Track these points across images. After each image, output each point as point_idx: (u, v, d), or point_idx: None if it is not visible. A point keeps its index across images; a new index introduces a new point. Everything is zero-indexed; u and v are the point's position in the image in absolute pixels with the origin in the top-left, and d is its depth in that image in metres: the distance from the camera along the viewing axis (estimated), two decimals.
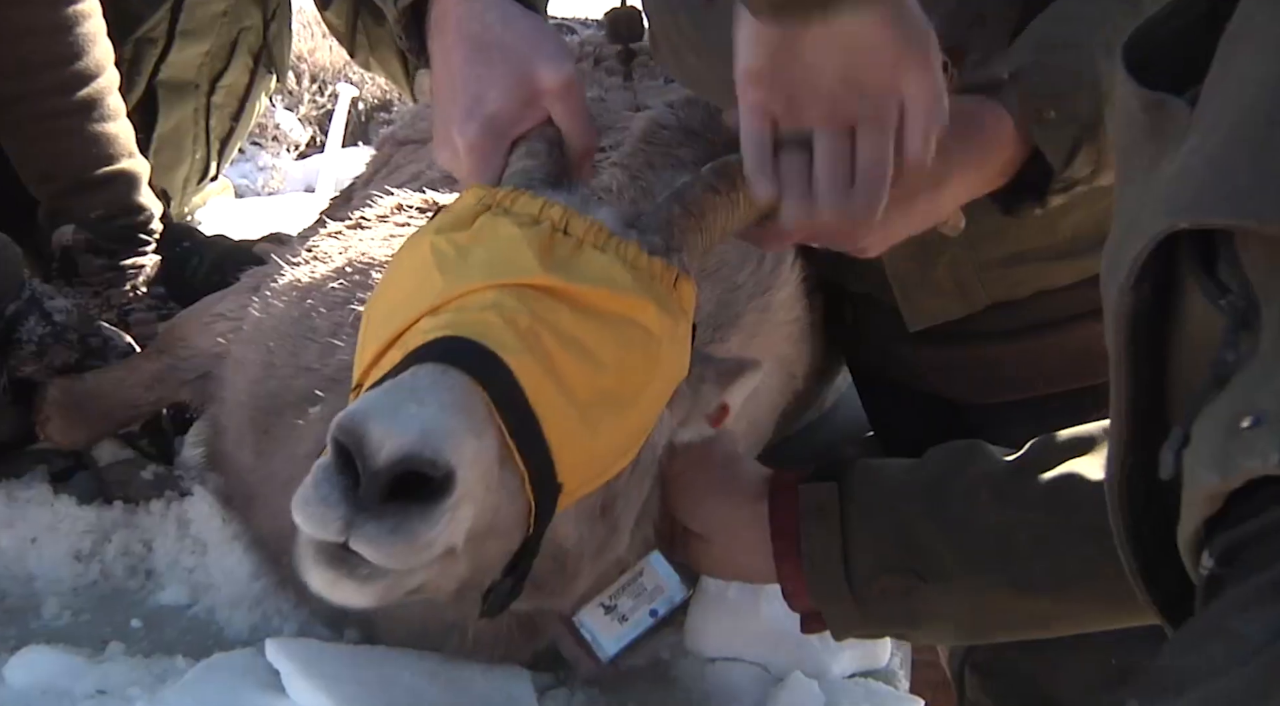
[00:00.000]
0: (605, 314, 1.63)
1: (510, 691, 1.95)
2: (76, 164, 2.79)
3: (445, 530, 1.50)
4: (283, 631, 2.16)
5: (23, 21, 2.70)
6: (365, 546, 1.47)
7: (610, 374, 1.63)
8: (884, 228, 1.85)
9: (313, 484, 1.48)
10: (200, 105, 3.50)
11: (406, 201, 2.43)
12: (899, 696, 2.14)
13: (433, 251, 1.63)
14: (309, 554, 1.54)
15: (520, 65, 1.85)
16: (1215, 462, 1.11)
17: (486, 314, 1.55)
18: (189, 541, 2.35)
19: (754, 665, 2.14)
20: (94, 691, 1.97)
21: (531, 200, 1.67)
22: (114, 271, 2.81)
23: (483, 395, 1.51)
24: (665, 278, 1.68)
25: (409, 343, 1.55)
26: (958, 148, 1.87)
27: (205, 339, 2.49)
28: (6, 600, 2.24)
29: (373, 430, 1.43)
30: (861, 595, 1.88)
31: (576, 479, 1.64)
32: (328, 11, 3.76)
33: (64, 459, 2.57)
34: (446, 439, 1.46)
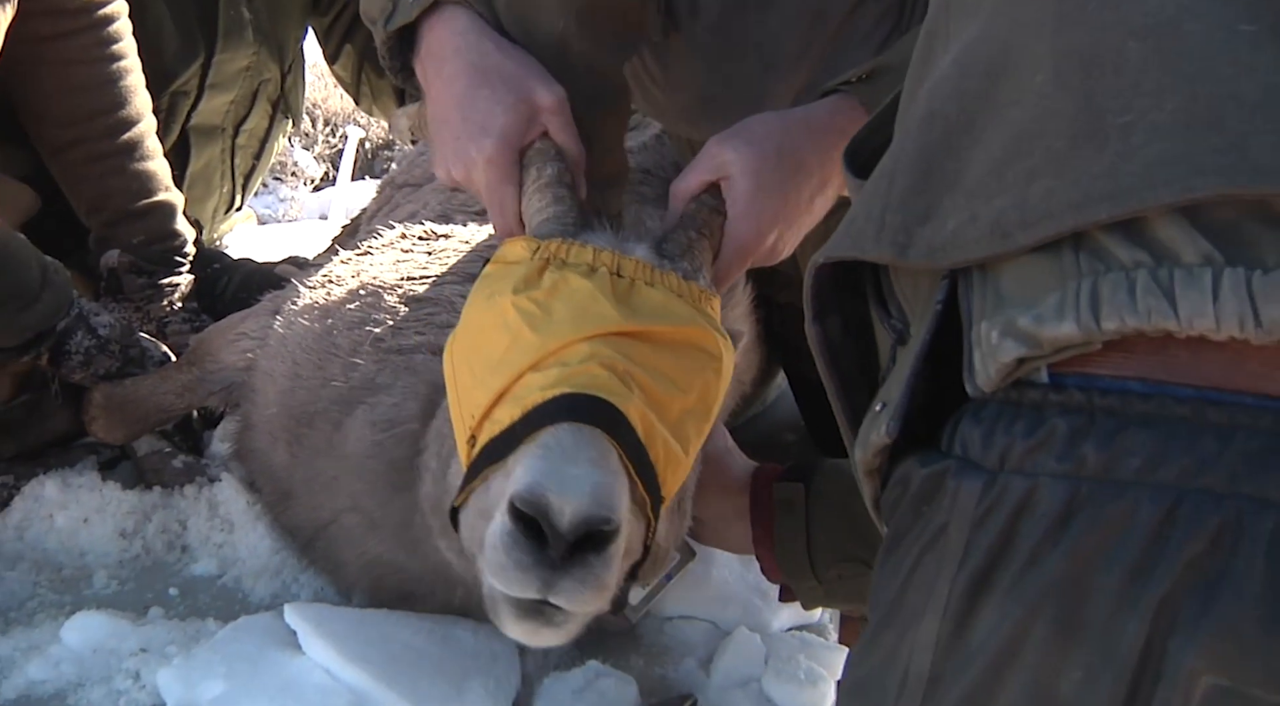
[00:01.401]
0: (676, 344, 1.64)
1: (494, 646, 1.96)
2: (121, 197, 2.80)
3: (616, 569, 1.53)
4: (299, 597, 2.18)
5: (76, 77, 2.71)
6: (564, 599, 1.49)
7: (691, 396, 1.64)
8: (793, 231, 1.89)
9: (504, 551, 1.48)
10: (226, 146, 3.49)
11: (408, 232, 2.42)
12: (829, 646, 2.15)
13: (518, 311, 1.61)
14: (508, 610, 1.56)
15: (520, 87, 1.84)
16: (860, 442, 1.19)
17: (590, 366, 1.54)
18: (218, 521, 2.37)
19: (705, 622, 2.16)
20: (137, 649, 2.00)
21: (582, 249, 1.66)
22: (153, 289, 2.81)
23: (613, 443, 1.51)
24: (704, 299, 1.70)
25: (524, 398, 1.54)
26: (830, 144, 1.86)
27: (231, 355, 2.47)
28: (62, 571, 2.25)
29: (553, 500, 1.43)
30: (822, 577, 1.93)
31: (672, 489, 1.65)
32: (335, 65, 3.76)
33: (110, 450, 2.57)
34: (610, 495, 1.47)
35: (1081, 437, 1.00)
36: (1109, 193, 0.98)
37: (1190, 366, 0.98)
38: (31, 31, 2.57)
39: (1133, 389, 1.00)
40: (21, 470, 2.46)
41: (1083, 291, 0.99)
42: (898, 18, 2.16)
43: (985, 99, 1.10)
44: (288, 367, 2.22)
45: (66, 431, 2.58)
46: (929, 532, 1.08)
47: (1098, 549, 0.97)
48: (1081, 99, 1.03)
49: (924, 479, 1.10)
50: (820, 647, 2.12)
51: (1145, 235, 0.98)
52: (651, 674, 2.02)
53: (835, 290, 1.28)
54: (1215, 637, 0.92)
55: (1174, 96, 0.98)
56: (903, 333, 1.22)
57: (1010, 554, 1.01)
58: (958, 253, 1.08)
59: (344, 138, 8.29)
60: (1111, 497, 0.97)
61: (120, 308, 2.76)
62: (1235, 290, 0.93)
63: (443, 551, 1.85)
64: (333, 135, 8.32)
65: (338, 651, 1.89)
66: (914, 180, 1.14)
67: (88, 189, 2.80)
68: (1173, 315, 0.95)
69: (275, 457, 2.24)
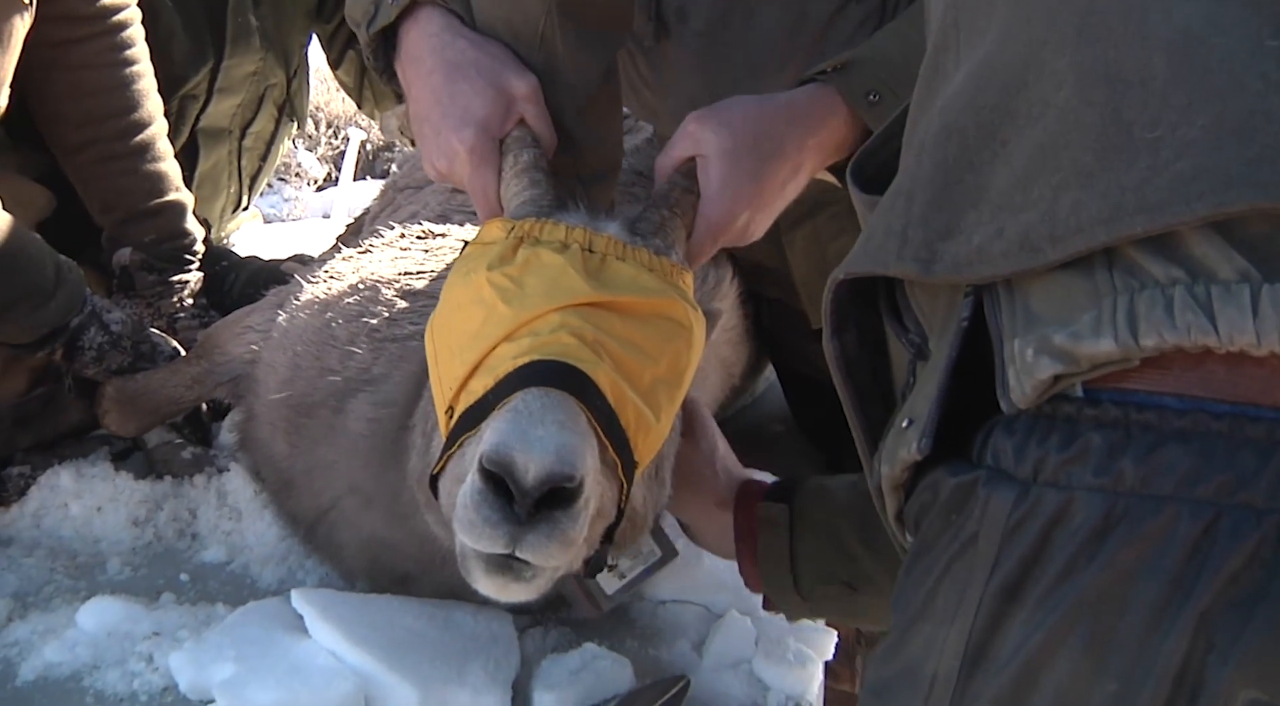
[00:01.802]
0: (646, 315, 1.65)
1: (494, 629, 1.97)
2: (133, 197, 2.80)
3: (583, 526, 1.54)
4: (305, 583, 2.18)
5: (90, 82, 2.71)
6: (531, 553, 1.51)
7: (661, 364, 1.65)
8: (765, 213, 1.88)
9: (473, 508, 1.50)
10: (233, 148, 3.49)
11: (407, 232, 2.43)
12: (816, 628, 2.15)
13: (492, 286, 1.63)
14: (478, 565, 1.57)
15: (495, 78, 1.85)
16: (887, 458, 1.17)
17: (560, 335, 1.56)
18: (226, 509, 2.37)
19: (698, 605, 2.17)
20: (150, 633, 2.00)
21: (555, 227, 1.67)
22: (164, 286, 2.81)
23: (581, 407, 1.53)
24: (674, 273, 1.70)
25: (496, 368, 1.56)
26: (805, 130, 1.88)
27: (237, 347, 2.47)
28: (77, 558, 2.25)
29: (517, 458, 1.45)
30: (805, 595, 1.92)
31: (646, 455, 1.66)
32: (339, 70, 3.76)
33: (122, 442, 2.57)
34: (574, 454, 1.48)
35: (1119, 452, 0.98)
36: (1141, 206, 0.97)
37: (1228, 382, 0.97)
38: (47, 37, 2.58)
39: (1169, 405, 0.98)
40: (38, 460, 2.46)
41: (1119, 308, 0.98)
42: (878, 21, 2.17)
43: (1005, 113, 1.09)
44: (288, 359, 2.23)
45: (80, 424, 2.58)
46: (959, 541, 1.07)
47: (1136, 562, 0.95)
48: (1108, 113, 1.02)
49: (954, 488, 1.09)
50: (809, 630, 2.12)
51: (1179, 251, 0.97)
52: (646, 655, 2.03)
53: (852, 305, 1.27)
54: (1255, 653, 0.91)
55: (1203, 111, 0.97)
56: (921, 347, 1.21)
57: (1044, 564, 0.99)
58: (985, 268, 1.07)
59: (346, 140, 8.31)
60: (1150, 512, 0.96)
61: (132, 304, 2.76)
62: (1276, 306, 0.92)
63: (430, 525, 1.86)
64: (335, 137, 8.34)
65: (343, 635, 1.90)
66: (934, 195, 1.13)
67: (101, 189, 2.80)
68: (1213, 332, 0.94)
69: (276, 448, 2.25)
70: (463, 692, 1.84)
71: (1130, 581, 0.95)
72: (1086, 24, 1.05)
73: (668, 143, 1.87)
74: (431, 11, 1.91)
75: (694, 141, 1.82)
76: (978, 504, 1.05)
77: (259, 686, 1.82)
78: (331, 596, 2.01)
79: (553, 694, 1.88)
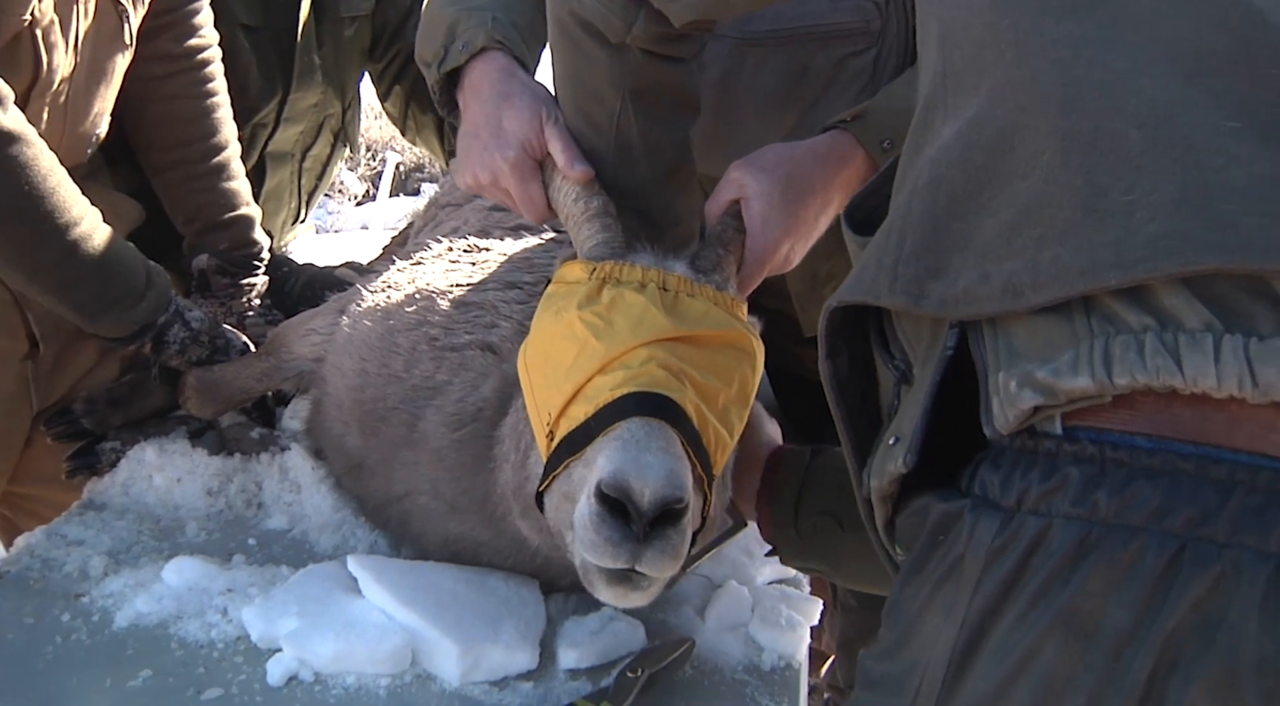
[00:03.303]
0: (718, 345, 1.67)
1: (524, 594, 1.98)
2: (211, 210, 2.81)
3: (688, 539, 1.56)
4: (356, 549, 2.19)
5: (178, 111, 2.73)
6: (648, 567, 1.53)
7: (733, 388, 1.67)
8: (801, 243, 1.92)
9: (594, 529, 1.52)
10: (295, 170, 3.50)
11: (454, 245, 2.43)
12: (804, 597, 2.16)
13: (583, 323, 1.64)
14: (600, 579, 1.59)
15: (533, 105, 1.88)
16: (876, 471, 1.18)
17: (649, 368, 1.58)
18: (288, 483, 2.38)
19: (701, 576, 2.16)
20: (224, 589, 2.01)
21: (632, 269, 1.69)
22: (235, 288, 2.82)
23: (676, 433, 1.54)
24: (735, 306, 1.73)
25: (595, 398, 1.58)
26: (831, 170, 1.91)
27: (302, 347, 2.47)
28: (160, 522, 2.26)
29: (634, 484, 1.48)
30: (800, 527, 1.93)
31: (721, 467, 1.68)
32: (386, 103, 3.75)
33: (198, 422, 2.58)
34: (681, 478, 1.51)
35: (1094, 486, 0.98)
36: (1116, 262, 0.98)
37: (1193, 425, 0.97)
38: (145, 72, 2.62)
39: (1140, 444, 0.98)
40: (127, 437, 2.48)
41: (1095, 350, 0.99)
42: (871, 74, 2.21)
43: (990, 171, 1.09)
44: (355, 364, 2.23)
45: (163, 406, 2.59)
46: (948, 562, 1.06)
47: (1108, 586, 0.95)
48: (1087, 177, 1.02)
49: (943, 514, 1.09)
50: (798, 598, 2.13)
51: (1150, 302, 0.98)
52: (655, 619, 2.03)
53: (845, 330, 1.28)
54: (1213, 674, 0.90)
55: (1172, 180, 0.98)
56: (905, 372, 1.21)
57: (1023, 584, 0.99)
58: (971, 307, 1.08)
59: (383, 161, 8.35)
60: (1122, 541, 0.95)
61: (208, 303, 2.77)
62: (1234, 354, 0.93)
63: (523, 530, 1.88)
64: (373, 159, 8.38)
65: (393, 596, 1.91)
66: (923, 237, 1.13)
67: (184, 203, 2.81)
68: (1179, 374, 0.95)
69: (349, 440, 2.25)
70: (497, 648, 1.85)
71: (1102, 604, 0.95)
72: (1068, 95, 1.06)
73: (714, 189, 1.90)
74: (496, 53, 1.97)
75: (738, 186, 1.86)
76: (965, 528, 1.05)
77: (320, 639, 1.84)
78: (382, 562, 2.02)
79: (575, 651, 1.89)
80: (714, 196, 1.89)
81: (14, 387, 2.49)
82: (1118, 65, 1.04)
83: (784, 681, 1.91)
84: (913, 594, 1.11)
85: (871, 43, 2.19)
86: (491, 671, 1.85)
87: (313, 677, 1.81)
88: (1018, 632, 0.98)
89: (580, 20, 1.76)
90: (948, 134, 1.16)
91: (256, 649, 1.88)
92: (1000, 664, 0.99)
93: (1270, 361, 0.92)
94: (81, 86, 2.40)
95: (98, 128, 2.53)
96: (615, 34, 1.76)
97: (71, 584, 2.03)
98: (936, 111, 1.20)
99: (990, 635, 1.00)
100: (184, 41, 2.72)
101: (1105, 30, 1.06)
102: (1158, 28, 1.04)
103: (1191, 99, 1.00)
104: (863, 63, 2.19)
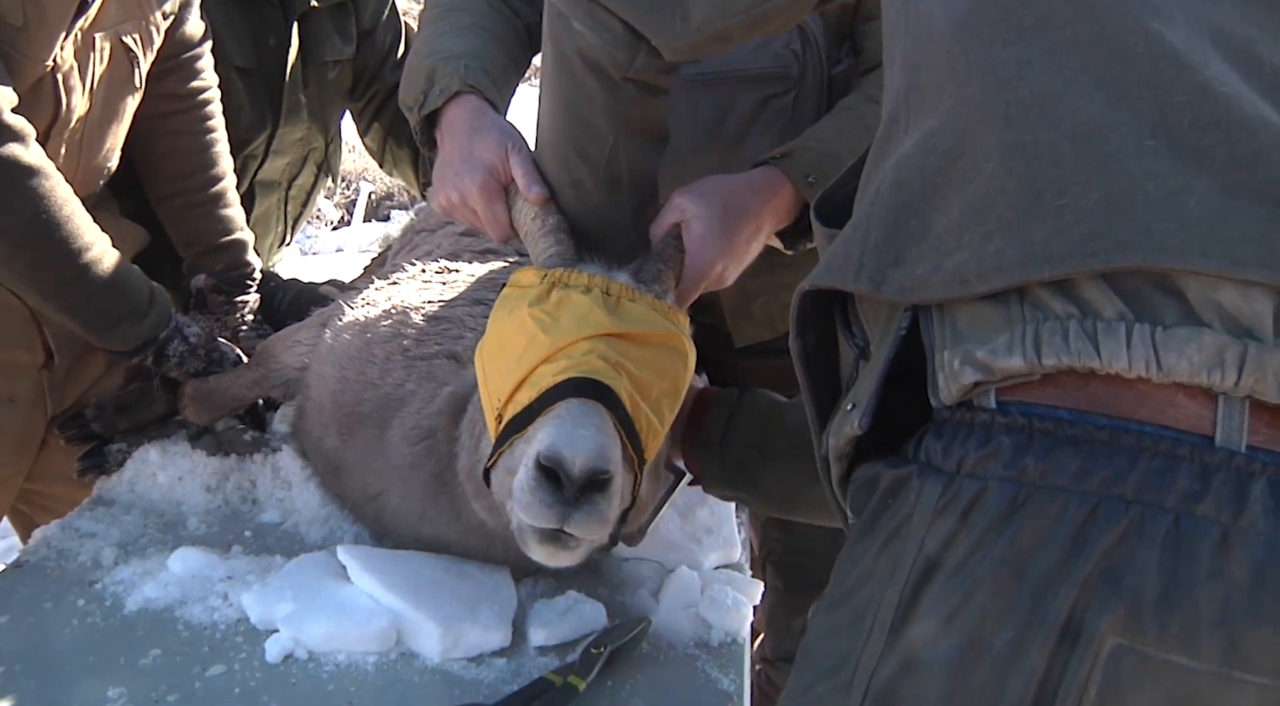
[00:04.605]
0: (655, 344, 1.70)
1: (497, 579, 1.99)
2: (209, 235, 2.80)
3: (615, 506, 1.59)
4: (344, 540, 2.18)
5: (181, 145, 2.73)
6: (576, 528, 1.57)
7: (666, 381, 1.70)
8: (735, 263, 1.95)
9: (530, 492, 1.56)
10: (281, 197, 3.48)
11: (428, 267, 2.44)
12: (747, 580, 2.18)
13: (533, 319, 1.67)
14: (534, 538, 1.62)
15: (500, 137, 1.92)
16: (834, 432, 1.22)
17: (589, 358, 1.61)
18: (280, 481, 2.38)
19: (654, 562, 2.18)
20: (225, 577, 2.02)
21: (580, 275, 1.72)
22: (230, 305, 2.81)
23: (608, 414, 1.57)
24: (672, 313, 1.75)
25: (539, 383, 1.61)
26: (762, 200, 1.95)
27: (289, 358, 2.47)
28: (164, 516, 2.26)
29: (566, 454, 1.52)
30: (724, 456, 1.97)
31: (652, 453, 1.70)
32: (366, 137, 3.74)
33: (197, 427, 2.58)
34: (608, 451, 1.54)
35: (1024, 452, 1.03)
36: (1048, 257, 1.02)
37: (1107, 401, 1.02)
38: (152, 111, 2.61)
39: (1063, 417, 1.03)
40: (132, 440, 2.48)
41: (1027, 334, 1.03)
42: (791, 114, 2.26)
43: (944, 176, 1.13)
44: (336, 371, 2.23)
45: (165, 412, 2.58)
46: (896, 520, 1.10)
47: (1035, 538, 1.00)
48: (1026, 183, 1.06)
49: (892, 478, 1.13)
50: (742, 582, 2.16)
51: (1074, 294, 1.03)
52: (615, 601, 2.05)
53: (813, 313, 1.31)
54: (1120, 609, 0.95)
55: (1098, 189, 1.02)
56: (864, 349, 1.25)
57: (962, 537, 1.03)
58: (924, 293, 1.11)
59: (357, 190, 8.31)
60: (1047, 500, 1.00)
61: (204, 319, 2.75)
62: (1143, 341, 0.98)
63: (478, 511, 1.88)
64: (348, 188, 8.35)
65: (379, 581, 1.91)
66: (885, 233, 1.17)
67: (184, 228, 2.80)
68: (1097, 357, 1.00)
69: (327, 442, 2.25)
70: (475, 628, 1.86)
71: (1029, 553, 1.00)
72: (1010, 112, 1.09)
73: (659, 212, 1.92)
74: (469, 96, 2.00)
75: (679, 210, 1.89)
76: (912, 491, 1.09)
77: (313, 620, 1.84)
78: (369, 551, 2.03)
79: (545, 630, 1.91)
80: (658, 219, 1.92)
81: (32, 395, 2.48)
82: (1054, 87, 1.08)
83: (730, 654, 1.93)
84: (862, 551, 1.14)
85: (790, 86, 2.24)
86: (469, 649, 1.85)
87: (307, 656, 1.82)
88: (958, 578, 1.02)
89: (585, 58, 1.77)
90: (909, 144, 1.19)
91: (255, 630, 1.88)
92: (943, 604, 1.03)
93: (1172, 347, 0.97)
94: (95, 125, 2.40)
95: (109, 161, 2.52)
96: (618, 69, 1.76)
97: (85, 572, 2.02)
98: (899, 125, 1.23)
99: (934, 581, 1.04)
100: (188, 83, 2.71)
101: (1044, 56, 1.10)
102: (1088, 56, 1.08)
103: (1116, 119, 1.04)
104: (783, 103, 2.24)
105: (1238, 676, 0.93)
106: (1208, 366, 0.97)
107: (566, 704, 1.72)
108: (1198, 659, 0.94)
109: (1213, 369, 0.97)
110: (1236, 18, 1.08)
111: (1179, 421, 0.99)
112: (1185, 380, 0.98)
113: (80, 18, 2.21)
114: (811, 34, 2.20)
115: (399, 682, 1.79)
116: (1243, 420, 0.98)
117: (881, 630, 1.08)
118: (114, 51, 2.37)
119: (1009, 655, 0.99)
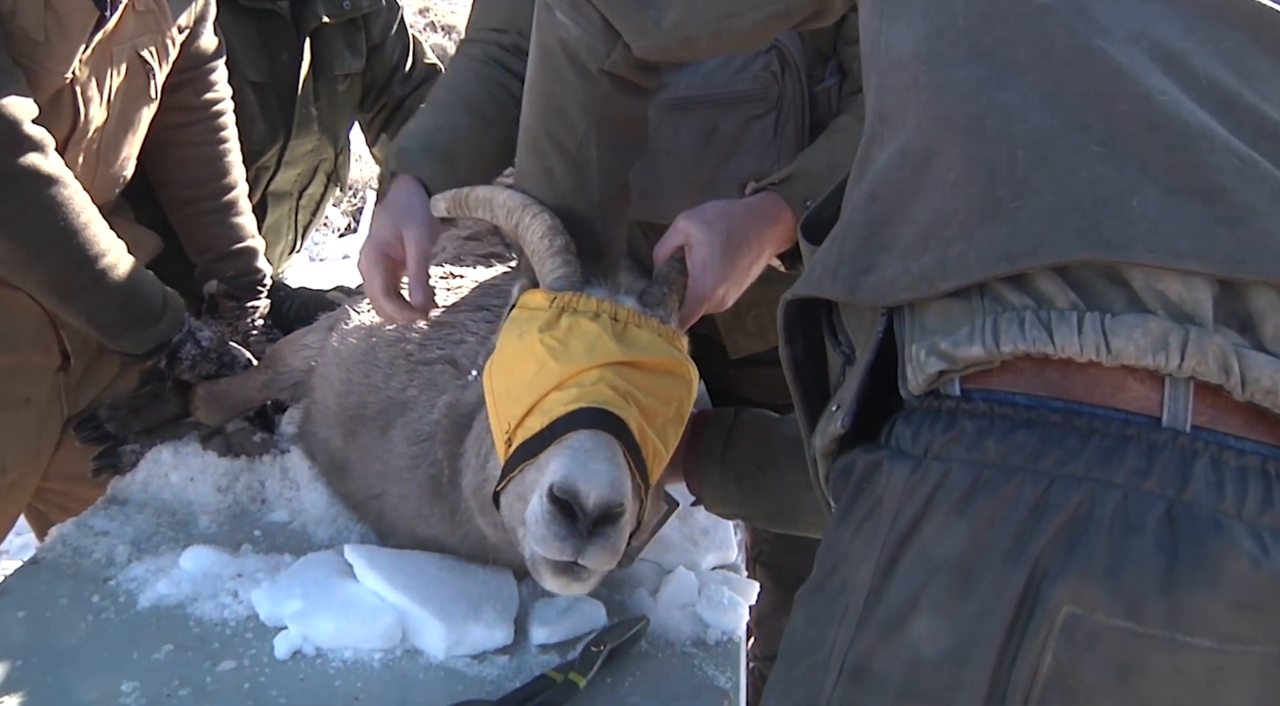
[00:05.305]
0: (660, 371, 1.68)
1: (499, 579, 1.98)
2: (221, 242, 2.79)
3: (625, 538, 1.57)
4: (350, 539, 2.17)
5: (195, 155, 2.73)
6: (590, 561, 1.55)
7: (671, 408, 1.68)
8: (736, 288, 1.95)
9: (544, 525, 1.53)
10: (292, 207, 3.48)
11: (431, 273, 2.40)
12: (743, 580, 2.18)
13: (543, 346, 1.65)
14: (548, 569, 1.59)
15: (402, 220, 1.99)
16: (820, 433, 1.26)
17: (600, 387, 1.59)
18: (288, 481, 2.37)
19: (652, 562, 2.17)
20: (235, 574, 2.01)
21: (588, 300, 1.70)
22: (241, 310, 2.80)
23: (620, 445, 1.55)
24: (675, 338, 1.74)
25: (550, 411, 1.58)
26: (764, 226, 1.95)
27: (296, 361, 2.47)
28: (176, 515, 2.25)
29: (581, 488, 1.50)
30: (724, 477, 1.97)
31: (657, 477, 1.69)
32: (374, 148, 3.75)
33: (208, 428, 2.56)
34: (622, 485, 1.52)
35: (984, 435, 1.07)
36: (1005, 255, 1.07)
37: (1060, 386, 1.06)
38: (167, 121, 2.61)
39: (1020, 401, 1.07)
40: (145, 440, 2.46)
41: (987, 325, 1.08)
42: (773, 134, 2.24)
43: (911, 186, 1.17)
44: (341, 374, 2.22)
45: (177, 413, 2.57)
46: (869, 502, 1.13)
47: (994, 515, 1.03)
48: (984, 191, 1.10)
49: (866, 463, 1.16)
50: (738, 582, 2.15)
51: (1030, 287, 1.07)
52: (614, 600, 2.04)
53: (800, 322, 1.34)
54: (1073, 579, 0.99)
55: (1050, 192, 1.07)
56: (850, 355, 1.28)
57: (929, 516, 1.07)
58: (894, 295, 1.16)
59: (363, 199, 8.31)
60: (1005, 479, 1.04)
61: (216, 324, 2.74)
62: (1093, 327, 1.03)
63: (481, 527, 1.88)
64: (354, 196, 8.34)
65: (385, 580, 1.90)
66: (859, 243, 1.21)
67: (197, 236, 2.80)
68: (1050, 343, 1.04)
69: (332, 442, 2.24)
70: (478, 626, 1.86)
71: (990, 529, 1.03)
72: (970, 126, 1.14)
73: (662, 236, 1.92)
74: (403, 177, 2.09)
75: (684, 235, 1.89)
76: (883, 474, 1.12)
77: (320, 618, 1.84)
78: (375, 550, 2.02)
79: (546, 628, 1.90)
80: (662, 242, 1.92)
81: (48, 397, 2.47)
82: (1008, 101, 1.12)
83: (726, 653, 1.93)
84: (841, 535, 1.17)
85: (771, 107, 2.23)
86: (472, 646, 1.85)
87: (314, 652, 1.81)
88: (926, 553, 1.06)
89: (566, 48, 1.77)
90: (882, 160, 1.23)
91: (264, 626, 1.87)
92: (913, 579, 1.07)
93: (1120, 332, 1.02)
94: (112, 135, 2.40)
95: (125, 170, 2.52)
96: (596, 60, 1.76)
97: (100, 569, 2.01)
98: (875, 145, 1.27)
99: (904, 557, 1.08)
100: (202, 95, 2.71)
101: (999, 74, 1.14)
102: (1038, 73, 1.13)
103: (1066, 126, 1.09)
104: (765, 124, 2.24)
105: (1182, 640, 0.96)
106: (1153, 349, 1.01)
107: (567, 700, 1.71)
108: (1144, 624, 0.97)
109: (1157, 352, 1.01)
110: (1174, 33, 1.13)
111: (1128, 404, 1.03)
112: (1133, 363, 1.02)
113: (99, 32, 2.21)
114: (790, 54, 2.19)
115: (404, 678, 1.78)
116: (1187, 402, 1.02)
117: (856, 608, 1.11)
118: (131, 64, 2.36)
119: (972, 626, 1.02)
